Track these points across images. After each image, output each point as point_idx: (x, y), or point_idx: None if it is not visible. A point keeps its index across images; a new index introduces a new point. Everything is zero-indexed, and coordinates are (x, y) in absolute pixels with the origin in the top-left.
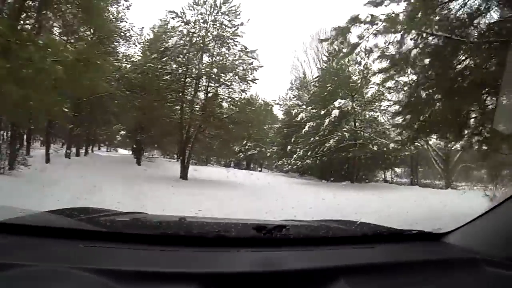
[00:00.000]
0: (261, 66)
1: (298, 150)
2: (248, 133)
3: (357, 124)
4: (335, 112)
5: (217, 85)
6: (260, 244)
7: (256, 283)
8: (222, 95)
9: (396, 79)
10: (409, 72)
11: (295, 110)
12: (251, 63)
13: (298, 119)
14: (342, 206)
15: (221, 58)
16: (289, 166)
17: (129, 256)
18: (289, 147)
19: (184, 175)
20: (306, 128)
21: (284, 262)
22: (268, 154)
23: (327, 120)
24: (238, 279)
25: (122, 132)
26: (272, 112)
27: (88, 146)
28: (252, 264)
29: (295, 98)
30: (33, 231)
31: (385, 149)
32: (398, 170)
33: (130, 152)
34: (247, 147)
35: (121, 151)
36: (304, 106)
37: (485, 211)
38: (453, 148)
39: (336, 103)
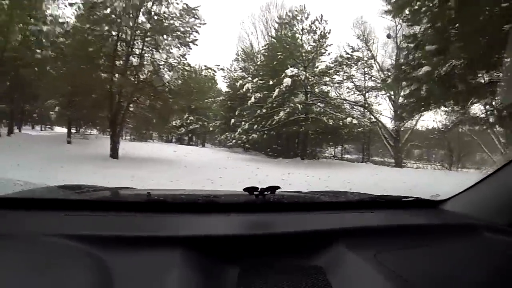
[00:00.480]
0: (204, 24)
1: (242, 123)
2: (189, 106)
3: (309, 96)
4: (287, 81)
5: (154, 49)
6: (252, 209)
7: (246, 246)
8: (158, 60)
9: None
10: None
11: (240, 82)
12: (193, 22)
13: (243, 90)
14: (296, 186)
15: (159, 17)
16: (233, 141)
17: (112, 222)
18: (232, 121)
19: (114, 153)
20: (252, 99)
21: (279, 225)
22: (211, 129)
23: (276, 91)
24: (227, 241)
25: (57, 108)
26: (216, 84)
27: (13, 125)
28: (243, 227)
29: (241, 70)
30: (15, 204)
31: (341, 123)
32: (346, 146)
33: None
34: (189, 121)
35: (58, 129)
36: (250, 78)
37: (483, 177)
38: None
39: (288, 71)
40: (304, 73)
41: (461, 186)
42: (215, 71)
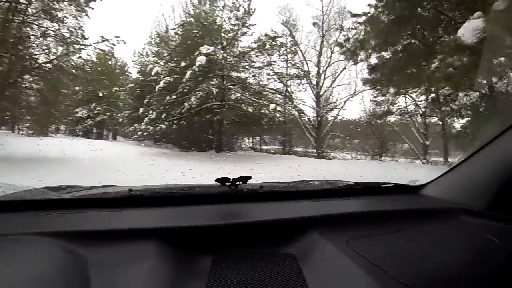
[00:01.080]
0: None
1: (150, 112)
2: (96, 94)
3: (226, 82)
4: (201, 60)
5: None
6: (225, 199)
7: (219, 236)
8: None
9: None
10: None
11: (150, 66)
12: None
13: (153, 73)
14: None
15: None
16: (140, 133)
17: (90, 219)
18: (141, 110)
19: None
20: (161, 84)
21: (251, 214)
22: (120, 120)
23: (188, 73)
24: (200, 232)
25: None
26: (126, 71)
27: None
28: (216, 218)
29: (153, 55)
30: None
31: (262, 111)
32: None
33: None
34: (96, 111)
35: None
36: (162, 63)
37: (460, 161)
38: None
39: (203, 49)
40: (222, 52)
41: (380, 174)
42: (113, 44)
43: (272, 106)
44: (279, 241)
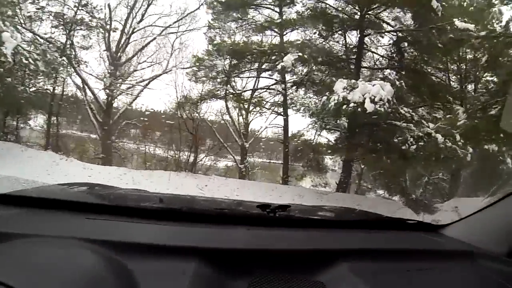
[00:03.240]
0: None
1: None
2: None
3: None
4: None
5: None
6: (262, 223)
7: (255, 260)
8: None
9: None
10: None
11: None
12: None
13: None
14: None
15: None
16: None
17: (132, 229)
18: None
19: None
20: None
21: (287, 241)
22: None
23: None
24: (237, 255)
25: None
26: None
27: None
28: (255, 241)
29: None
30: (38, 203)
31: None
32: None
33: None
34: None
35: None
36: None
37: (485, 206)
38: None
39: None
40: None
41: None
42: None
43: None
44: (310, 268)
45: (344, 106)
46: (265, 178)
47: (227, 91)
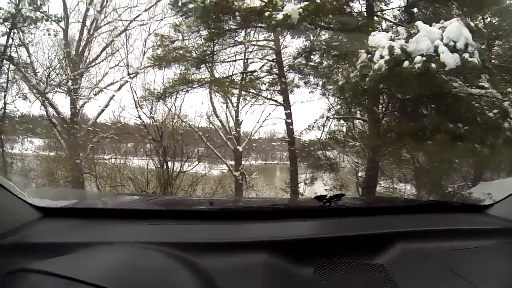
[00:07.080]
0: None
1: None
2: None
3: None
4: None
5: None
6: (315, 214)
7: (316, 248)
8: None
9: None
10: None
11: None
12: None
13: None
14: None
15: None
16: None
17: (193, 230)
18: None
19: None
20: None
21: (345, 228)
22: None
23: None
24: (300, 245)
25: None
26: None
27: None
28: (311, 232)
29: None
30: (99, 213)
31: None
32: None
33: None
34: None
35: None
36: None
37: None
38: None
39: None
40: None
41: None
42: None
43: None
44: (367, 252)
45: (406, 63)
46: (265, 184)
47: (209, 77)
